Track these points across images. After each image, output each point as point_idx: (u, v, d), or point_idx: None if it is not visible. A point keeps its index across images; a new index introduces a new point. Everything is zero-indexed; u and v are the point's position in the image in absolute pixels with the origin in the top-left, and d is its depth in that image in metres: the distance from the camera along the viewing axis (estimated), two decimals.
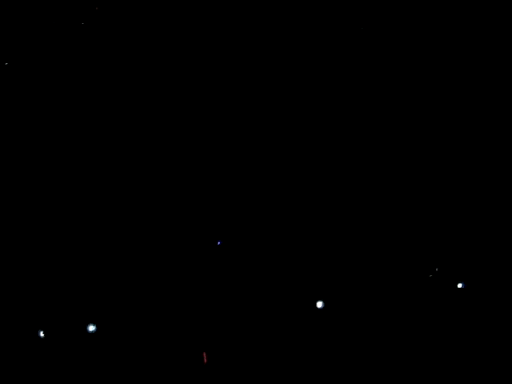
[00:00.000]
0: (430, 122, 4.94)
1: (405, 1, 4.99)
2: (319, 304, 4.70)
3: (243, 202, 4.89)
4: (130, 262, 4.76)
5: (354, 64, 4.97)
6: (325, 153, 4.95)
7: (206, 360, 4.53)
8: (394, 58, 4.97)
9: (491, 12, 4.97)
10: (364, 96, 4.95)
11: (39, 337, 4.61)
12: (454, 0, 4.99)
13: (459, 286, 4.76)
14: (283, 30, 5.00)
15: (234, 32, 4.98)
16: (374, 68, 4.97)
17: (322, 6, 4.99)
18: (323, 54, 4.99)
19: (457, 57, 4.96)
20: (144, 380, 4.61)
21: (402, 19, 4.99)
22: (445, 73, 4.95)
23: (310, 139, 4.95)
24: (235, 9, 4.98)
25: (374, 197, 4.91)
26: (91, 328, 4.58)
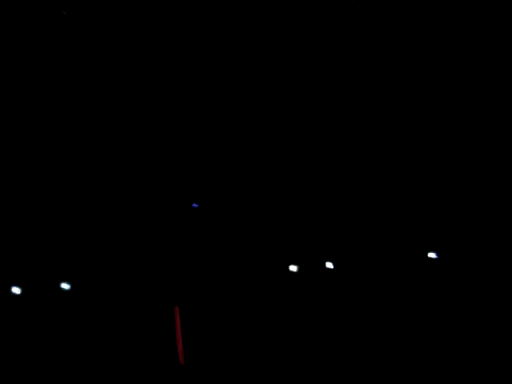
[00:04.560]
0: (429, 121, 4.94)
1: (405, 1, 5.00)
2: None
3: (243, 200, 4.90)
4: (129, 260, 4.77)
5: (353, 64, 4.98)
6: (324, 150, 4.96)
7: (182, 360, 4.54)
8: (394, 58, 4.98)
9: (491, 12, 4.98)
10: (363, 95, 4.96)
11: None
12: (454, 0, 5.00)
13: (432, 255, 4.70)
14: (283, 30, 5.01)
15: (234, 32, 4.99)
16: (374, 68, 4.98)
17: (321, 6, 5.00)
18: (323, 53, 5.00)
19: (457, 57, 4.97)
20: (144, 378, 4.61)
21: (402, 19, 5.00)
22: (444, 72, 4.96)
23: (309, 137, 4.96)
24: (235, 9, 4.99)
25: (373, 195, 4.91)
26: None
